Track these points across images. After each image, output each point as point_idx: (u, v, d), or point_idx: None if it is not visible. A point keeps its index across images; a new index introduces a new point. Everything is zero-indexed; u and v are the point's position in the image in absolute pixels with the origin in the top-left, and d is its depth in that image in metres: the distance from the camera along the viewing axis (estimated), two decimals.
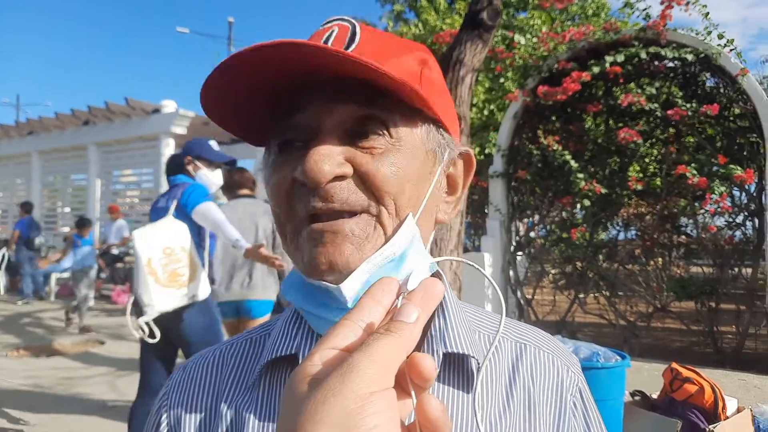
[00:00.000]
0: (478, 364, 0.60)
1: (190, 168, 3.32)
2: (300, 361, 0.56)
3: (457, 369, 0.61)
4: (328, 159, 0.52)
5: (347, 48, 0.55)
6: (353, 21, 0.58)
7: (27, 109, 52.95)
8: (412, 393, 0.37)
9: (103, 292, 10.97)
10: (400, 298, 0.41)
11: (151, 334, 2.93)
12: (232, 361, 0.67)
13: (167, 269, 2.97)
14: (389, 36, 0.61)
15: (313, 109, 0.54)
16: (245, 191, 4.05)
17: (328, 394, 0.33)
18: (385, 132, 0.55)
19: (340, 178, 0.53)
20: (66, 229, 12.28)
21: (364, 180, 0.54)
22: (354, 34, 0.56)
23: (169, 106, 10.31)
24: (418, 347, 0.60)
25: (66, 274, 11.24)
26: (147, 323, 2.91)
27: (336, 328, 0.38)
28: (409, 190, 0.56)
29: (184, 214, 3.13)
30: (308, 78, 0.53)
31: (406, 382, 0.37)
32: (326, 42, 0.55)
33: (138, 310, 2.99)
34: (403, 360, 0.36)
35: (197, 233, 3.20)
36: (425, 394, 0.37)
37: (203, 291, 3.10)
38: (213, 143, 3.44)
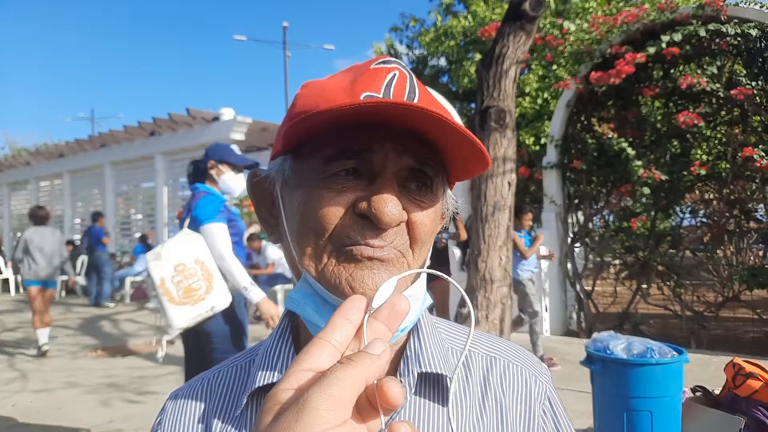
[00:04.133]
0: (451, 380, 0.64)
1: (213, 172, 3.25)
2: None
3: (433, 386, 0.65)
4: (397, 206, 0.57)
5: (410, 100, 0.61)
6: (407, 67, 0.64)
7: (101, 122, 55.91)
8: (381, 417, 0.39)
9: None
10: (368, 315, 0.44)
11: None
12: (220, 390, 0.71)
13: (182, 286, 2.94)
14: (430, 92, 0.66)
15: (383, 153, 0.58)
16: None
17: None
18: (430, 188, 0.62)
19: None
20: (138, 235, 12.95)
21: (410, 228, 0.60)
22: (413, 86, 0.62)
23: (227, 113, 10.66)
24: (395, 368, 0.65)
25: (139, 278, 11.89)
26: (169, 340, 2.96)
27: (309, 348, 0.40)
28: (430, 242, 0.64)
29: (196, 225, 3.10)
30: (381, 121, 0.56)
31: (375, 400, 0.39)
32: (389, 85, 0.60)
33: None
34: (361, 390, 0.38)
35: None
36: (395, 422, 0.38)
37: (222, 301, 3.02)
38: (235, 147, 3.40)
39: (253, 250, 9.97)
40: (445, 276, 0.56)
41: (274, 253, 9.74)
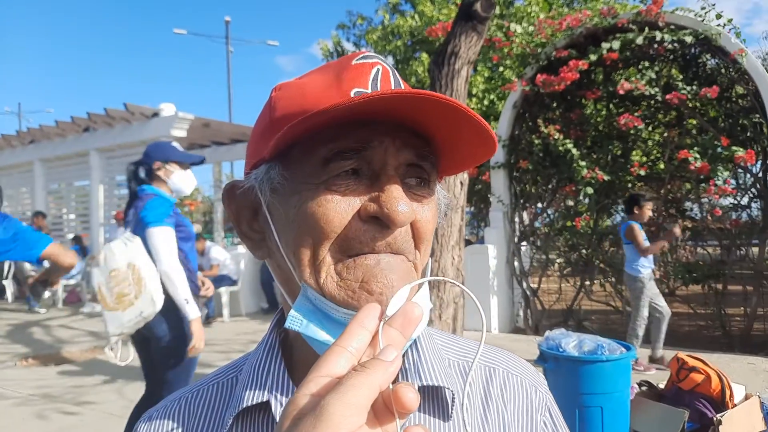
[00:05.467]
0: (453, 394, 0.62)
1: (161, 173, 3.10)
2: (272, 408, 0.59)
3: (433, 399, 0.62)
4: (408, 203, 0.55)
5: None
6: (387, 61, 0.62)
7: (29, 117, 52.94)
8: (397, 421, 0.40)
9: None
10: (382, 322, 0.44)
11: (124, 356, 2.98)
12: (200, 411, 0.66)
13: (114, 292, 2.90)
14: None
15: (383, 149, 0.55)
16: None
17: None
18: (428, 182, 0.59)
19: None
20: (71, 236, 12.32)
21: (414, 227, 0.58)
22: (397, 79, 0.60)
23: (167, 109, 10.27)
24: (395, 381, 0.60)
25: (72, 281, 11.32)
26: (116, 346, 3.01)
27: (327, 355, 0.41)
28: (431, 240, 0.61)
29: (142, 227, 2.99)
30: (373, 117, 0.54)
31: (391, 405, 0.39)
32: (375, 79, 0.58)
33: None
34: (375, 396, 0.38)
35: None
36: (410, 427, 0.39)
37: (151, 305, 2.89)
38: (176, 144, 3.26)
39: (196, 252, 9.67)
40: (461, 286, 0.52)
41: (218, 254, 9.48)
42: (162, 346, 3.00)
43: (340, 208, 0.55)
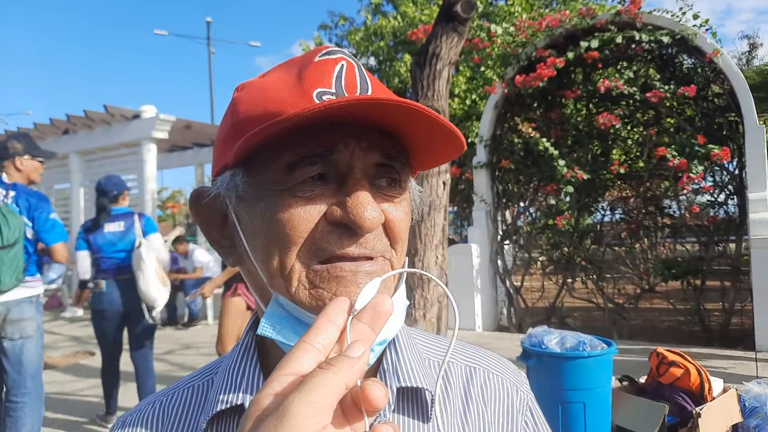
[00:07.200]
0: (432, 395, 0.61)
1: (125, 199, 4.50)
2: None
3: (413, 401, 0.61)
4: (375, 208, 0.53)
5: (364, 92, 0.57)
6: (352, 56, 0.59)
7: (7, 119, 52.03)
8: (365, 419, 0.39)
9: None
10: (351, 317, 0.43)
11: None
12: (175, 414, 0.65)
13: (159, 275, 4.26)
14: (383, 85, 0.62)
15: (349, 152, 0.54)
16: None
17: None
18: (399, 182, 0.58)
19: None
20: None
21: (387, 227, 0.56)
22: (363, 76, 0.58)
23: (149, 111, 10.17)
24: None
25: (53, 285, 11.15)
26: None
27: (294, 352, 0.39)
28: (407, 239, 0.60)
29: (146, 235, 4.33)
30: (341, 119, 0.52)
31: (360, 403, 0.38)
32: (339, 77, 0.56)
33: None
34: (342, 394, 0.37)
35: None
36: (378, 424, 0.38)
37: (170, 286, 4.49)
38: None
39: (179, 254, 9.60)
40: (437, 280, 0.53)
41: (201, 256, 9.42)
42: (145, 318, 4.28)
43: (306, 214, 0.53)
